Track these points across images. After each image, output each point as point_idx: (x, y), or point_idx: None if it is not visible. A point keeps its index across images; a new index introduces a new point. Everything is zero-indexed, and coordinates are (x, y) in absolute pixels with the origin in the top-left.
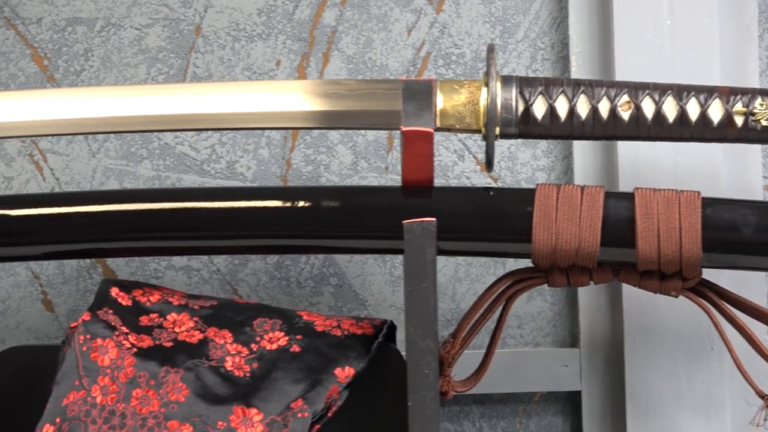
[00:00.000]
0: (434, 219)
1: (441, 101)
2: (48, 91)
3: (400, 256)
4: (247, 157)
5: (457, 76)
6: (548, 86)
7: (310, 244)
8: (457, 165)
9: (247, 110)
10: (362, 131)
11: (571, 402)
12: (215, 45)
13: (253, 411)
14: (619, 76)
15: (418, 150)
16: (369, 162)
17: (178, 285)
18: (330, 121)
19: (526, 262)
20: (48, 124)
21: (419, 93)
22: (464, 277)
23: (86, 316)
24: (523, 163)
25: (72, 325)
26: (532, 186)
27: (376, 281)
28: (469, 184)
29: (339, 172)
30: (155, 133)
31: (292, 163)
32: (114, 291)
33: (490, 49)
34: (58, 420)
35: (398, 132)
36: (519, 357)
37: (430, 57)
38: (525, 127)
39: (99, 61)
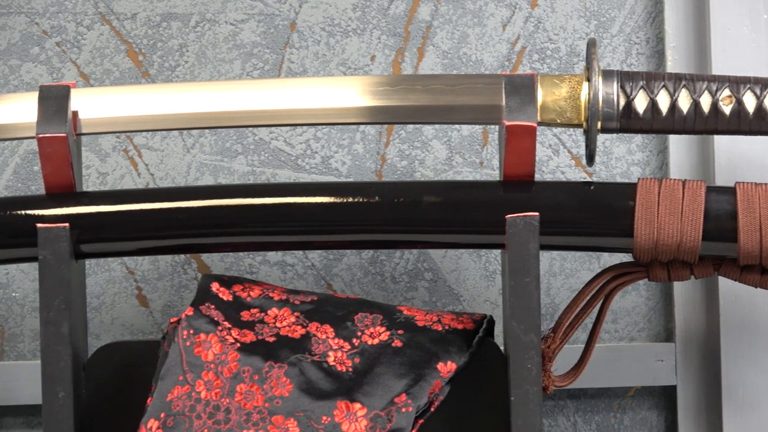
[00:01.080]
0: (537, 213)
1: (541, 96)
2: (143, 86)
3: (495, 251)
4: (341, 152)
5: (552, 71)
6: (649, 80)
7: (410, 239)
8: (551, 160)
9: (345, 105)
10: (457, 126)
11: (666, 397)
12: (310, 40)
13: (357, 406)
14: (716, 71)
15: (520, 144)
16: (464, 157)
17: (273, 280)
18: (430, 115)
19: (621, 257)
20: (143, 120)
21: (522, 87)
22: (559, 272)
23: (189, 311)
24: (618, 158)
25: (172, 321)
26: (627, 180)
27: (470, 276)
28: (563, 179)
29: (434, 167)
30: (250, 129)
31: (386, 158)
32: (215, 286)
33: (592, 43)
34: (162, 415)
35: (493, 127)
36: (614, 352)
37: (524, 52)
38: (626, 122)
39: (194, 57)
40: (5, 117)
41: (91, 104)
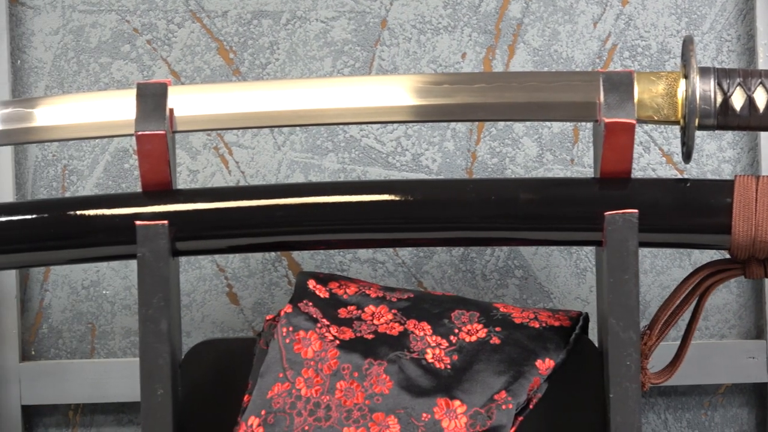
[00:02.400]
0: (636, 210)
1: (637, 93)
2: (236, 84)
3: (586, 249)
4: (432, 149)
5: (643, 68)
6: (746, 77)
7: (505, 236)
8: (642, 157)
9: (437, 102)
10: (548, 123)
11: (756, 394)
12: (401, 38)
13: (457, 403)
14: None
15: (619, 141)
16: (554, 154)
17: (364, 278)
18: (525, 112)
19: (712, 254)
20: (235, 118)
21: (620, 84)
22: (650, 269)
23: (288, 309)
24: (708, 155)
25: (267, 318)
26: (718, 177)
27: (561, 273)
28: (654, 176)
29: (524, 164)
30: (341, 126)
31: (477, 155)
32: (311, 283)
33: (690, 40)
34: (263, 412)
35: (584, 124)
36: (705, 349)
37: (615, 49)
38: (723, 119)
39: (284, 54)
40: (102, 114)
41: (185, 102)
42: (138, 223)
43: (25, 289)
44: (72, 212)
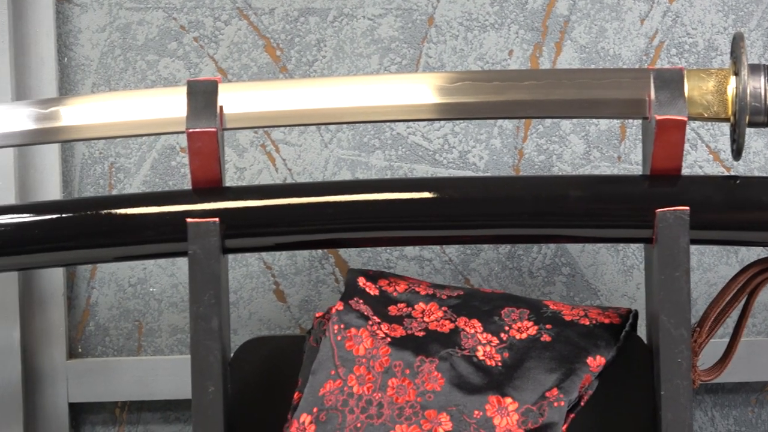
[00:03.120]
0: (687, 208)
1: (687, 90)
2: (284, 82)
3: (633, 246)
4: (479, 147)
5: (690, 66)
6: None
7: (555, 233)
8: (689, 154)
9: (487, 99)
10: (595, 120)
11: None
12: (448, 35)
13: (508, 400)
14: None
15: (670, 138)
16: (601, 151)
17: (410, 275)
18: (575, 110)
19: (759, 251)
20: (281, 115)
21: (671, 81)
22: (697, 267)
23: (339, 306)
24: (755, 152)
25: (317, 315)
26: (766, 174)
27: (608, 271)
28: (701, 173)
29: (571, 161)
30: (388, 124)
31: (524, 152)
32: (361, 281)
33: (740, 37)
34: (315, 410)
35: (631, 121)
36: (752, 346)
37: (662, 46)
38: None
39: (331, 52)
40: (151, 112)
41: (235, 99)
42: (189, 220)
43: (72, 286)
44: (122, 210)
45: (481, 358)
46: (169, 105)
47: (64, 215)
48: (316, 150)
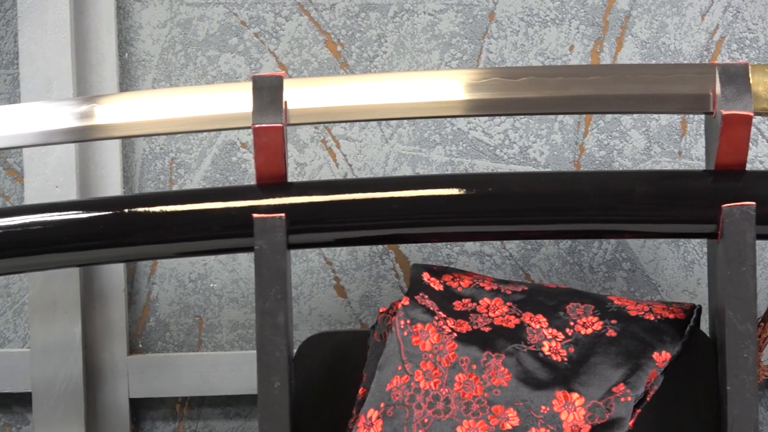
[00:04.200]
0: (753, 203)
1: (752, 85)
2: (347, 77)
3: (694, 241)
4: (540, 142)
5: (751, 61)
6: None
7: (619, 228)
8: (750, 149)
9: (551, 95)
10: (655, 116)
11: None
12: (508, 30)
13: (575, 395)
14: None
15: (735, 134)
16: (662, 147)
17: (471, 271)
18: (639, 105)
19: None
20: (342, 111)
21: (737, 77)
22: (758, 261)
23: (405, 301)
24: None
25: (381, 310)
26: None
27: (669, 266)
28: (762, 169)
29: (632, 156)
30: (448, 119)
31: (585, 148)
32: (425, 276)
33: None
34: (382, 405)
35: (692, 116)
36: None
37: (723, 41)
38: None
39: (392, 47)
40: (215, 107)
41: (298, 95)
42: (255, 216)
43: (133, 282)
44: (187, 205)
45: (547, 353)
46: (233, 100)
47: (126, 211)
48: (376, 145)
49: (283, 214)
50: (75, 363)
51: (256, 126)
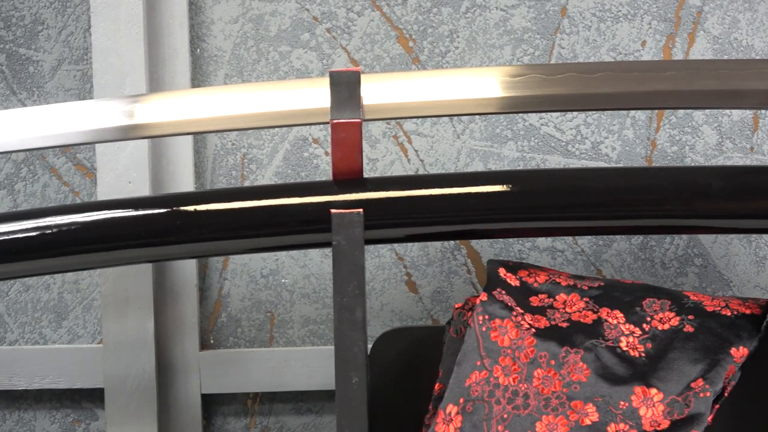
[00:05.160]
0: None
1: None
2: (417, 72)
3: (766, 237)
4: (611, 137)
5: None
6: None
7: (696, 224)
8: None
9: (626, 90)
10: (727, 111)
11: None
12: (581, 26)
13: (653, 391)
14: None
15: None
16: (734, 142)
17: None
18: (715, 101)
19: None
20: (413, 107)
21: None
22: None
23: (483, 297)
24: None
25: (456, 306)
26: None
27: (740, 262)
28: None
29: (704, 152)
30: (520, 115)
31: (657, 143)
32: (501, 271)
33: None
34: (461, 400)
35: (764, 112)
36: None
37: None
38: None
39: (464, 43)
40: (292, 103)
41: (373, 90)
42: (333, 211)
43: (204, 277)
44: (263, 200)
45: (625, 348)
46: (309, 96)
47: (202, 207)
48: (448, 141)
49: (361, 210)
50: (147, 359)
51: (334, 121)
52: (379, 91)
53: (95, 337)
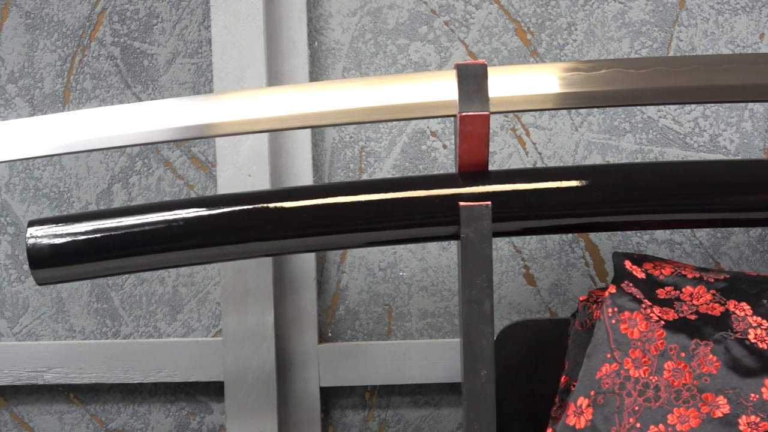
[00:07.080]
0: None
1: None
2: (541, 65)
3: None
4: (730, 130)
5: None
6: None
7: None
8: None
9: (749, 83)
10: None
11: None
12: (699, 18)
13: None
14: None
15: None
16: None
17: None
18: None
19: None
20: (538, 99)
21: None
22: None
23: (612, 289)
24: None
25: (581, 299)
26: None
27: None
28: None
29: None
30: (638, 107)
31: None
32: (627, 264)
33: None
34: (592, 393)
35: None
36: None
37: None
38: None
39: (582, 35)
40: (416, 96)
41: (500, 83)
42: (462, 204)
43: (323, 271)
44: (389, 193)
45: (753, 340)
46: (434, 89)
47: (328, 200)
48: (566, 133)
49: (489, 202)
50: (267, 352)
51: (463, 114)
52: (504, 83)
53: (210, 330)
